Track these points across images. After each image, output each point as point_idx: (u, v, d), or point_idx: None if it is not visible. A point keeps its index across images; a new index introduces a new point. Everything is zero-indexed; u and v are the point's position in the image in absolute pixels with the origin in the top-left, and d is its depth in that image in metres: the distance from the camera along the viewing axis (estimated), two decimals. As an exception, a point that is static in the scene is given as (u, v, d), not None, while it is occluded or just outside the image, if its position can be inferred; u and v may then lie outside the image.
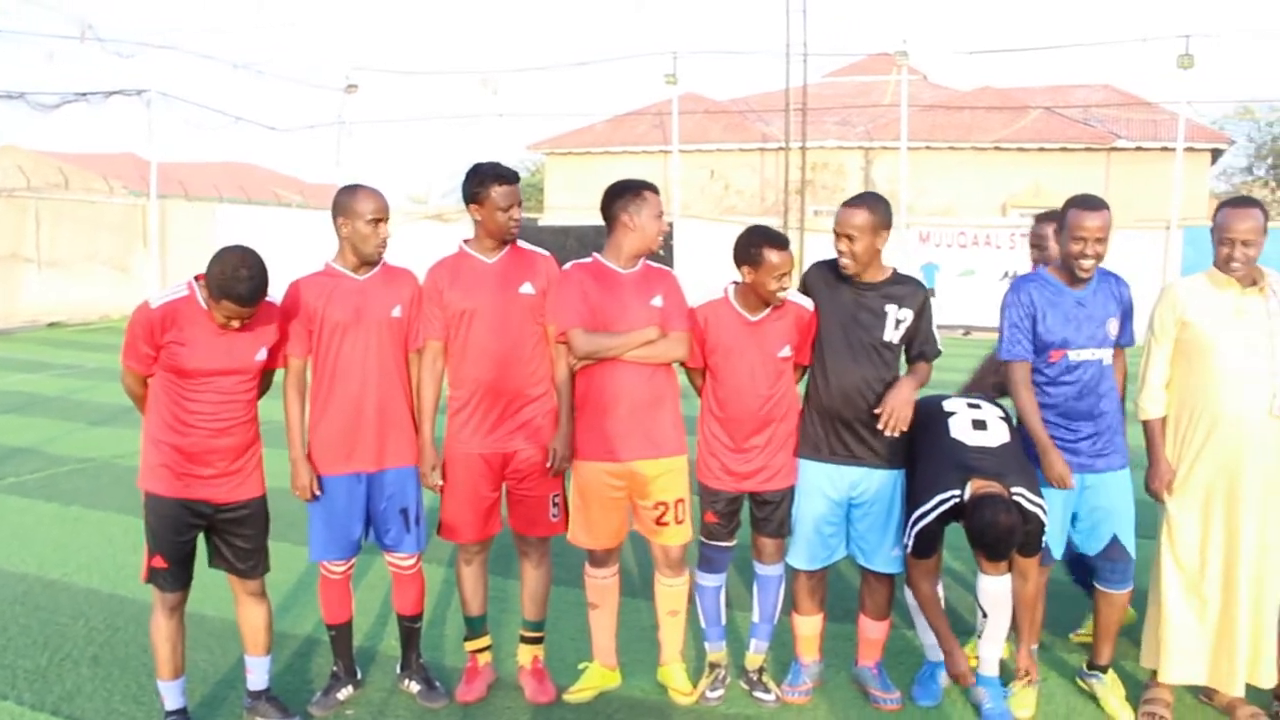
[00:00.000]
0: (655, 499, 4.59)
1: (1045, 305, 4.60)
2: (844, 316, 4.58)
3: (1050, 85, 32.40)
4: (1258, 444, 4.39)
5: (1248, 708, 4.59)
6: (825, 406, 4.62)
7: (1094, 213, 4.50)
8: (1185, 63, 24.27)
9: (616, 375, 4.50)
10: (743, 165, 31.05)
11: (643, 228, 4.49)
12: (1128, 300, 4.68)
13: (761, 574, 4.81)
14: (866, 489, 4.65)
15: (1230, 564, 4.45)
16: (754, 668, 4.89)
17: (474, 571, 4.82)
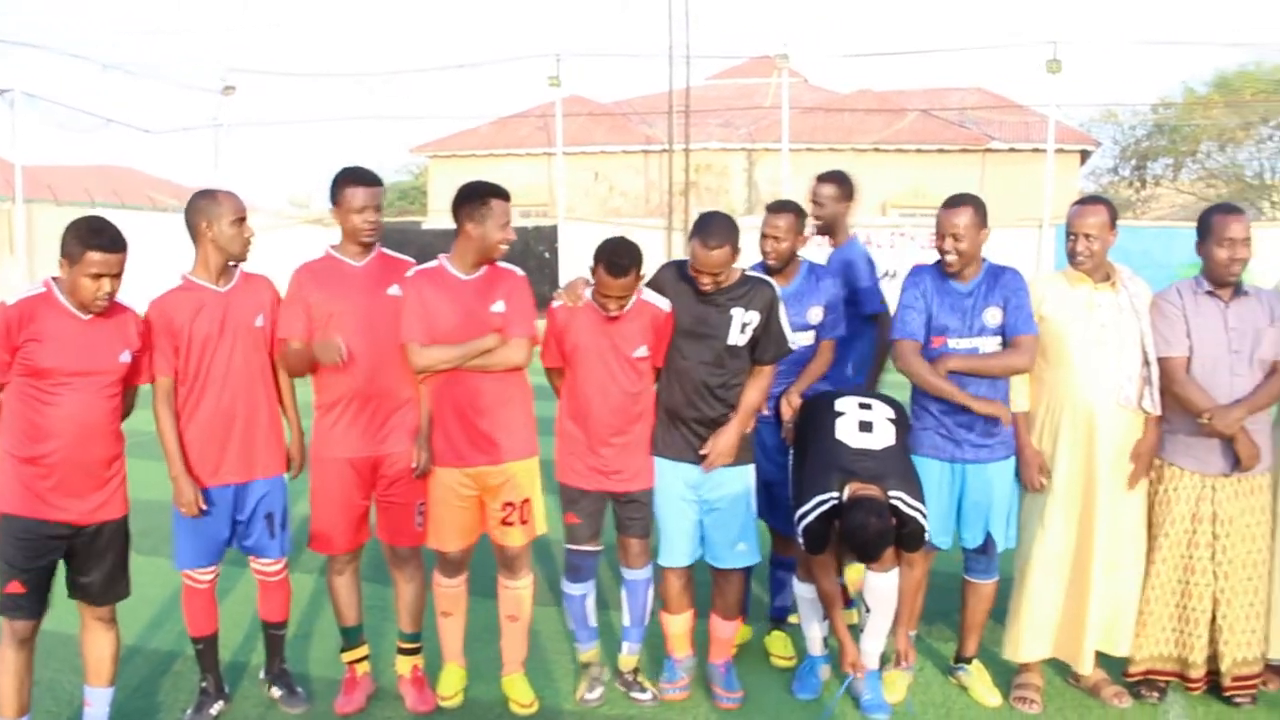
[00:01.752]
0: (503, 500, 4.59)
1: (936, 293, 4.71)
2: (691, 319, 4.59)
3: (927, 88, 33.06)
4: (1108, 433, 4.59)
5: (1112, 686, 4.80)
6: (672, 408, 4.67)
7: (951, 209, 4.63)
8: (1054, 67, 25.01)
9: (462, 382, 4.47)
10: (627, 167, 31.11)
11: (485, 236, 4.44)
12: (1016, 291, 4.67)
13: (630, 578, 4.81)
14: (714, 488, 4.70)
15: (1085, 548, 4.64)
16: (629, 669, 4.90)
17: (346, 582, 4.76)
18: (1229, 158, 36.17)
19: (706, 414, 4.63)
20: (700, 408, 4.62)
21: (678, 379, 4.63)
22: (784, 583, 5.23)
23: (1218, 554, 4.63)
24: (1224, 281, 4.64)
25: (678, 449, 4.69)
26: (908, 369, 4.69)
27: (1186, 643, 4.71)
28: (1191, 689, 4.77)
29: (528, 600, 4.79)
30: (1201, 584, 4.65)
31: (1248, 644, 4.68)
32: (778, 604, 5.32)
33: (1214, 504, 4.63)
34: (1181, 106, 35.68)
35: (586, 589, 4.82)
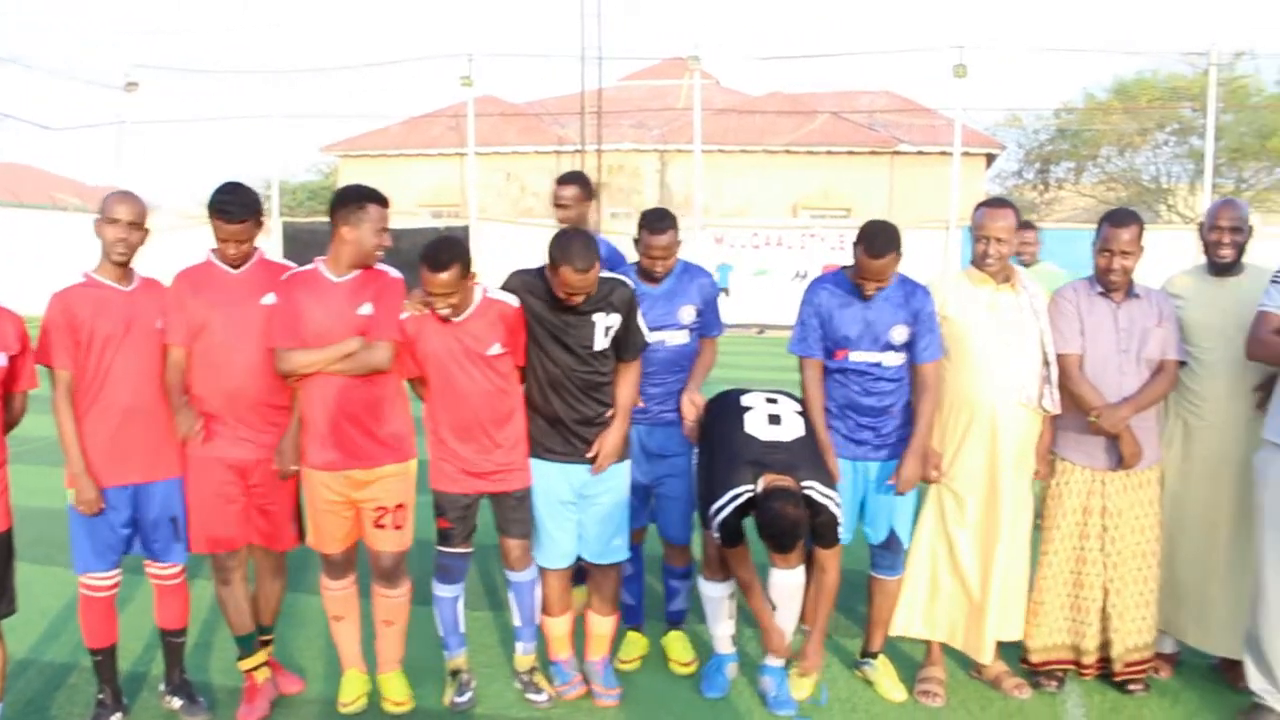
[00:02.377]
0: (376, 504, 4.54)
1: (835, 307, 4.75)
2: (553, 327, 4.57)
3: (837, 91, 33.51)
4: (1009, 430, 4.69)
5: (1012, 678, 4.91)
6: (544, 410, 4.66)
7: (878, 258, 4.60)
8: (960, 72, 25.51)
9: (332, 385, 4.41)
10: (539, 168, 31.09)
11: (361, 240, 4.38)
12: (922, 310, 4.72)
13: (514, 580, 4.78)
14: (593, 485, 4.72)
15: (989, 543, 4.74)
16: (524, 669, 4.87)
17: (235, 588, 4.67)
18: (1128, 162, 37.16)
19: (588, 414, 4.66)
20: (580, 409, 4.64)
21: (552, 385, 4.62)
22: (677, 590, 5.23)
23: (1107, 545, 4.76)
24: (1108, 285, 4.77)
25: (560, 451, 4.68)
26: (802, 392, 4.81)
27: (1080, 631, 4.84)
28: (1085, 675, 4.90)
29: (405, 608, 4.74)
30: (1092, 574, 4.78)
31: (1138, 631, 4.82)
32: (673, 609, 5.27)
33: (1103, 497, 4.76)
34: (1082, 112, 36.58)
35: (457, 591, 4.78)
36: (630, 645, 5.16)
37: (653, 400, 4.96)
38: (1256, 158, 33.89)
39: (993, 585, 4.75)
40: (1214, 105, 26.56)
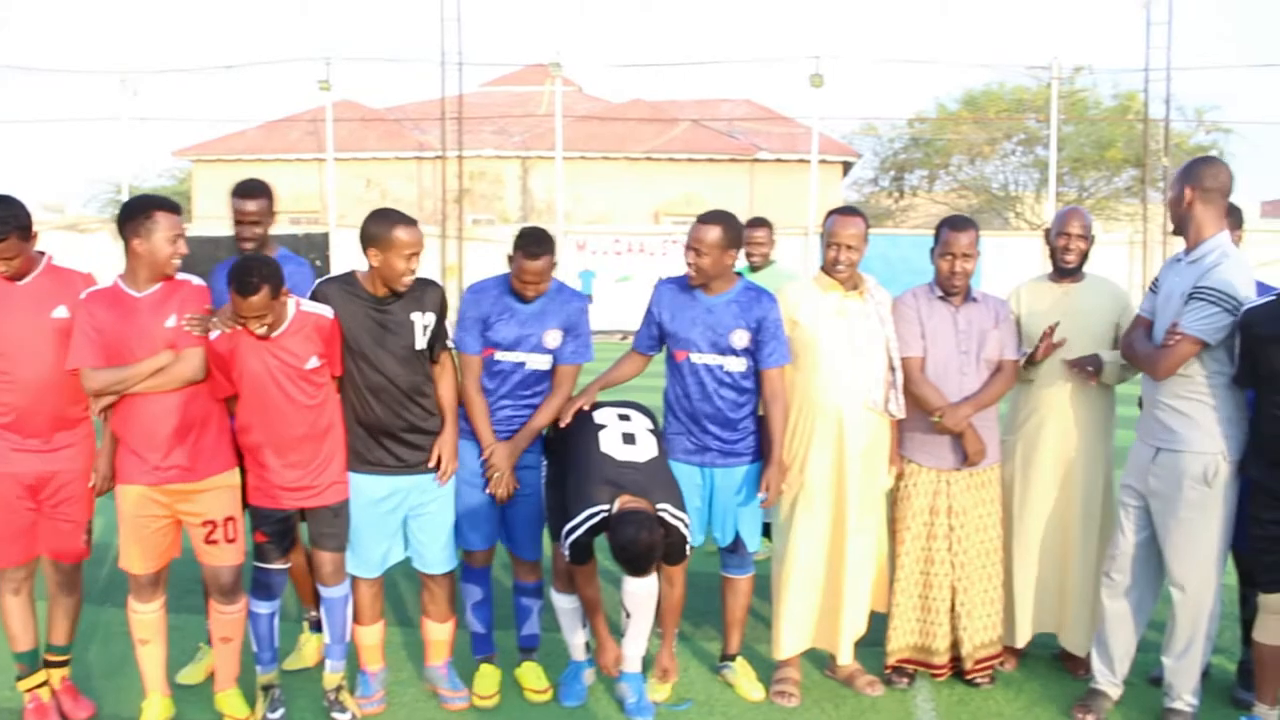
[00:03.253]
0: (204, 518, 4.45)
1: (676, 307, 4.82)
2: (369, 330, 4.54)
3: (697, 99, 33.85)
4: (856, 434, 4.82)
5: (865, 676, 5.03)
6: (367, 419, 4.60)
7: (703, 225, 4.74)
8: (816, 81, 26.06)
9: (147, 398, 4.31)
10: (400, 174, 30.68)
11: (153, 251, 4.27)
12: (766, 316, 4.77)
13: (327, 595, 4.70)
14: (421, 495, 4.70)
15: (838, 544, 4.86)
16: (331, 687, 4.77)
17: (20, 602, 4.52)
18: (977, 170, 38.31)
19: (414, 421, 4.62)
20: (406, 416, 4.60)
21: (373, 392, 4.56)
22: (529, 610, 5.09)
23: (954, 545, 4.92)
24: (949, 290, 4.95)
25: (377, 461, 4.63)
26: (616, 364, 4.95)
27: (930, 631, 4.98)
28: (937, 676, 5.04)
29: (241, 624, 4.63)
30: (940, 574, 4.93)
31: (985, 628, 4.99)
32: (525, 634, 5.13)
33: (949, 497, 4.92)
34: (934, 122, 37.62)
35: (273, 607, 4.69)
36: (484, 679, 4.96)
37: (503, 423, 4.83)
38: (1096, 167, 35.26)
39: (845, 586, 4.86)
40: (1056, 117, 27.62)
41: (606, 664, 4.76)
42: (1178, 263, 4.63)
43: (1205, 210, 4.49)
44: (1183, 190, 4.51)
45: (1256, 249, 22.31)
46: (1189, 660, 4.58)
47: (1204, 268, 4.41)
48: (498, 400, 4.82)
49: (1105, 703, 4.79)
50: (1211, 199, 4.48)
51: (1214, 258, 4.42)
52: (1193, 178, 4.50)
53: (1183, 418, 4.47)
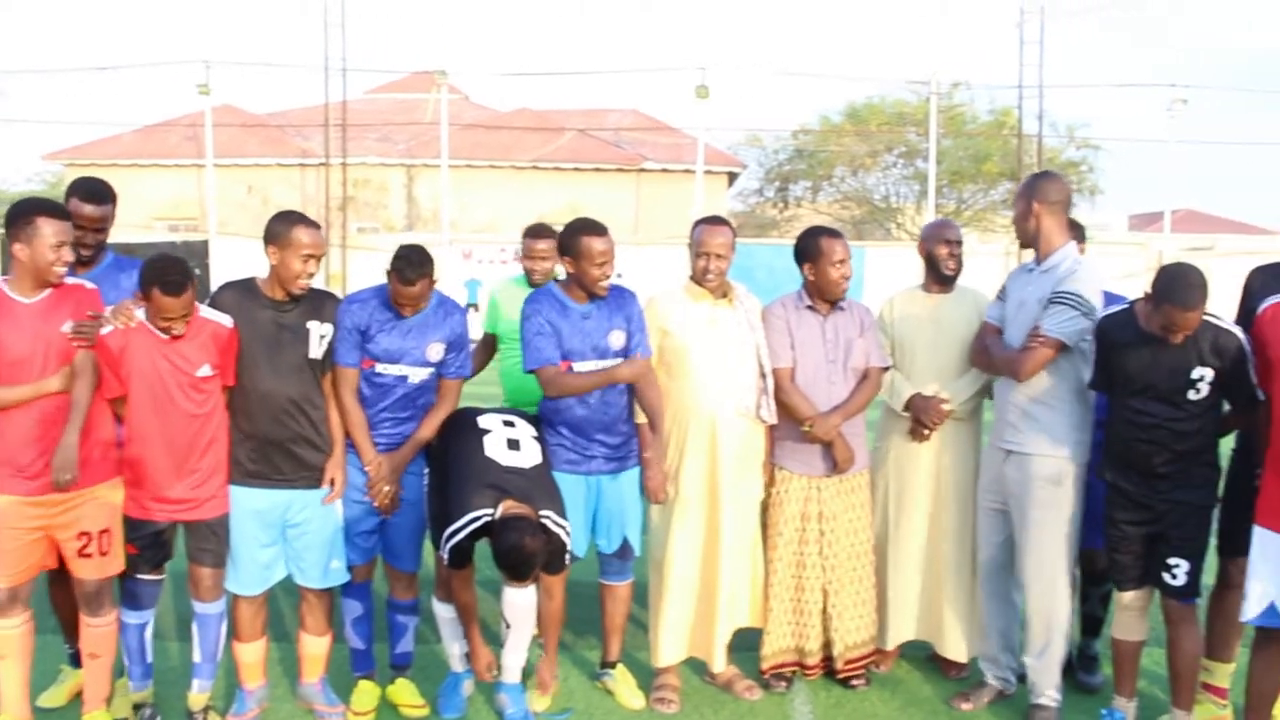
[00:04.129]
0: (78, 529, 4.32)
1: (556, 319, 4.79)
2: (265, 337, 4.48)
3: (583, 109, 33.92)
4: (729, 441, 4.89)
5: (744, 681, 5.08)
6: (254, 430, 4.51)
7: (598, 237, 4.74)
8: (702, 93, 26.31)
9: (24, 407, 4.17)
10: (282, 180, 30.17)
11: (35, 258, 4.16)
12: (632, 311, 4.87)
13: (202, 612, 4.59)
14: (302, 509, 4.61)
15: (712, 551, 4.91)
16: (199, 708, 4.68)
17: None
18: (860, 182, 39.00)
19: (301, 433, 4.54)
20: (293, 427, 4.51)
21: (262, 401, 4.47)
22: (404, 628, 5.00)
23: (825, 549, 5.00)
24: (834, 298, 5.04)
25: (261, 474, 4.53)
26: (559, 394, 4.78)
27: (803, 633, 5.06)
28: (809, 675, 5.12)
29: (112, 639, 4.49)
30: (812, 578, 5.01)
31: (857, 629, 5.09)
32: (399, 651, 5.03)
33: (819, 503, 5.00)
34: (818, 134, 38.23)
35: (145, 618, 4.57)
36: (362, 695, 4.88)
37: (386, 436, 4.72)
38: (973, 180, 36.18)
39: (720, 593, 4.91)
40: (935, 131, 28.28)
41: (479, 669, 4.74)
42: (1028, 272, 4.85)
43: (1051, 222, 4.72)
44: (1029, 205, 4.73)
45: (1123, 260, 23.14)
46: (1049, 658, 4.74)
47: (1060, 275, 4.62)
48: (379, 413, 4.72)
49: (985, 694, 4.98)
50: (1055, 211, 4.72)
51: (1069, 265, 4.65)
52: (1037, 193, 4.73)
53: (1033, 421, 4.66)
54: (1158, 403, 4.28)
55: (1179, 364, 4.23)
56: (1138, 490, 4.39)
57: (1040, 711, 4.75)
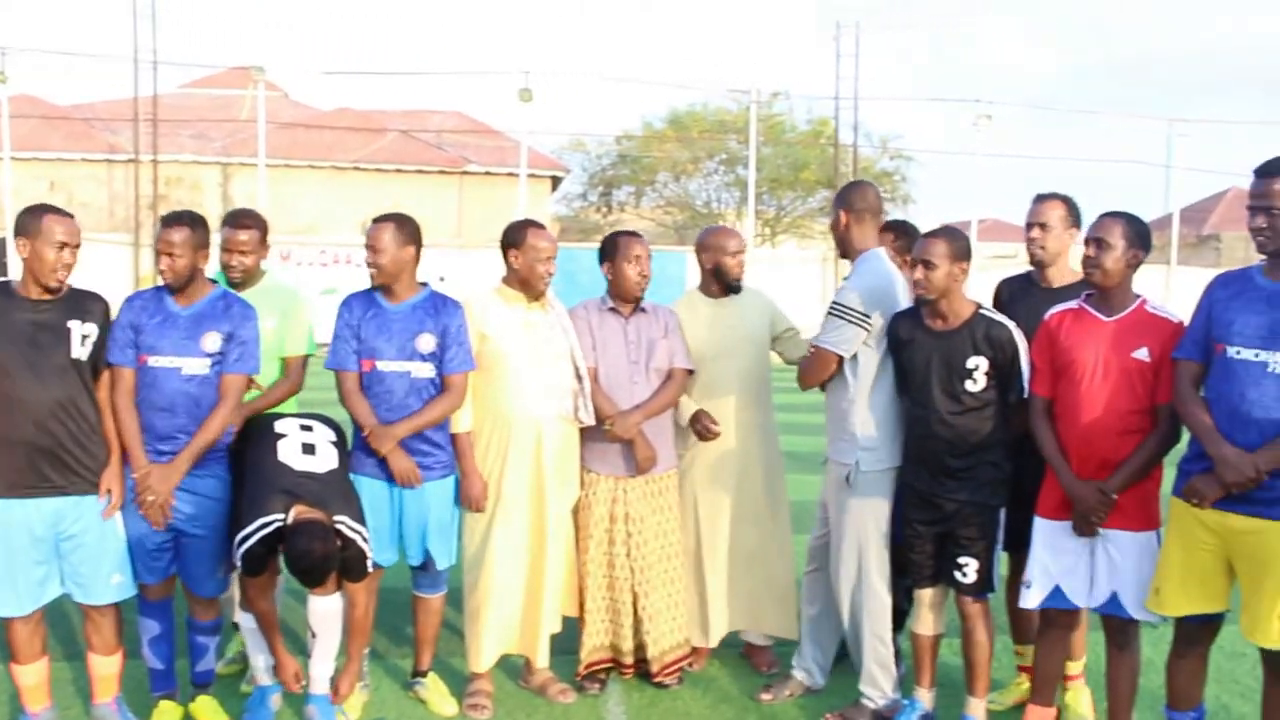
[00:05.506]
0: None
1: (363, 316, 4.76)
2: (22, 338, 4.24)
3: (406, 110, 33.54)
4: (551, 443, 4.92)
5: (558, 684, 5.10)
6: (19, 438, 4.24)
7: (374, 224, 4.82)
8: (526, 96, 26.34)
9: None
10: (88, 177, 28.94)
11: None
12: (450, 322, 4.76)
13: None
14: (75, 519, 4.35)
15: (538, 553, 4.94)
16: None
17: None
18: (682, 188, 39.61)
19: (68, 438, 4.27)
20: (58, 432, 4.25)
21: (24, 408, 4.20)
22: (205, 648, 4.81)
23: (633, 551, 5.06)
24: (633, 296, 5.13)
25: (27, 484, 4.24)
26: (344, 401, 4.77)
27: (618, 633, 5.13)
28: (625, 674, 5.19)
29: None
30: (622, 579, 5.07)
31: (670, 632, 5.16)
32: (200, 669, 4.83)
33: (625, 504, 5.06)
34: (641, 139, 38.66)
35: None
36: (163, 716, 4.68)
37: (160, 438, 4.45)
38: (791, 188, 37.18)
39: (545, 593, 4.94)
40: (755, 139, 28.91)
41: (286, 679, 4.65)
42: (846, 279, 4.99)
43: (859, 230, 4.89)
44: (839, 214, 4.90)
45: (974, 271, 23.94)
46: (863, 656, 4.89)
47: (849, 283, 4.81)
48: (159, 414, 4.44)
49: (791, 685, 5.14)
50: (863, 219, 4.88)
51: (857, 273, 4.83)
52: (845, 202, 4.90)
53: (835, 426, 4.86)
54: (940, 395, 4.49)
55: (955, 352, 4.46)
56: (928, 489, 4.57)
57: (860, 709, 4.90)
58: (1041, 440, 4.36)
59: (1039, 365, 4.40)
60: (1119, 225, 4.20)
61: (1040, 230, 4.75)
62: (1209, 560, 3.97)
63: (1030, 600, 4.42)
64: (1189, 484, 3.93)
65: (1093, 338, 4.24)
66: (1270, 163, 3.85)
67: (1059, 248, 4.74)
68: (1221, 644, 4.41)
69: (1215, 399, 3.94)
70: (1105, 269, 4.20)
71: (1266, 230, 3.82)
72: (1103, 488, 4.16)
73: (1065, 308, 4.39)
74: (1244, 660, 4.43)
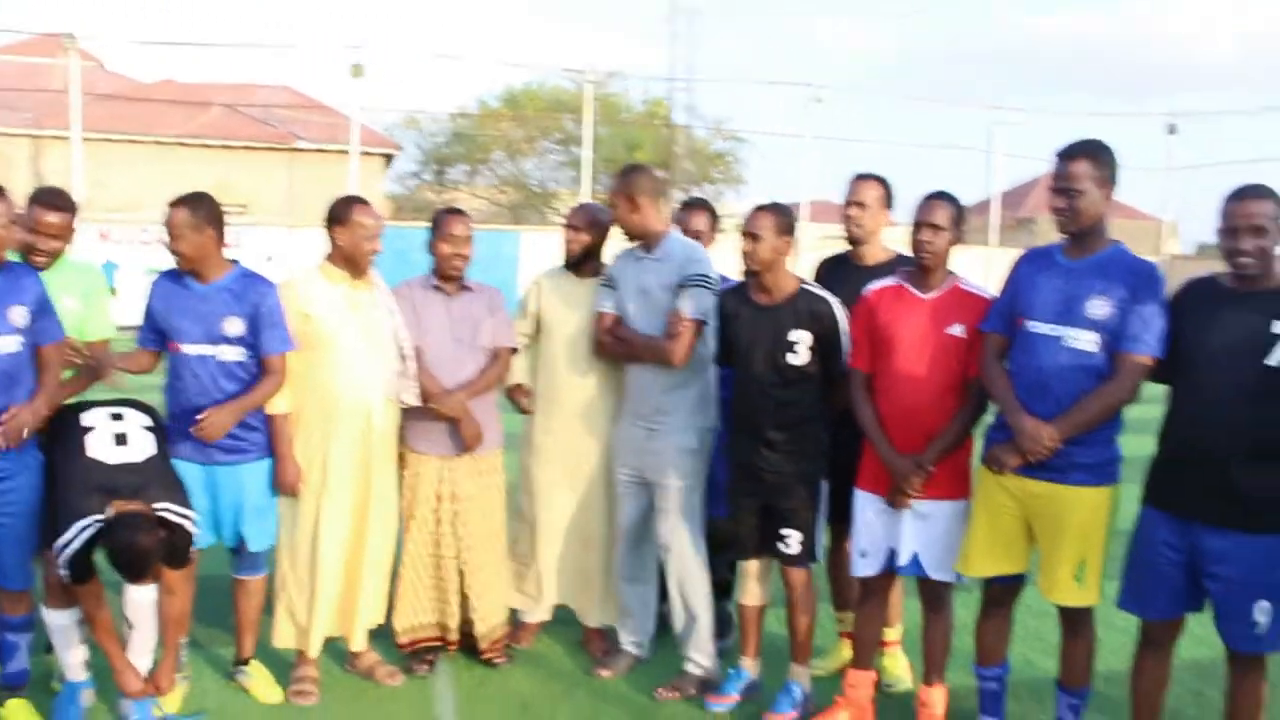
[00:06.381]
0: None
1: (169, 297, 4.67)
2: None
3: (232, 83, 32.50)
4: (379, 424, 4.88)
5: (385, 667, 5.06)
6: None
7: (169, 209, 4.68)
8: (357, 71, 25.76)
9: None
10: (-118, 150, 27.31)
11: None
12: (261, 303, 4.61)
13: None
14: None
15: (359, 535, 4.90)
16: None
17: None
18: (517, 167, 39.43)
19: None
20: None
21: None
22: (16, 646, 4.56)
23: (459, 529, 5.06)
24: (448, 275, 5.11)
25: None
26: None
27: (444, 610, 5.12)
28: (450, 649, 5.20)
29: None
30: (449, 557, 5.06)
31: (495, 610, 5.20)
32: (13, 669, 4.58)
33: (452, 484, 5.05)
34: (476, 118, 38.31)
35: None
36: (15, 712, 4.49)
37: None
38: (614, 178, 37.39)
39: (364, 574, 4.90)
40: (590, 118, 28.94)
41: (133, 692, 4.42)
42: (638, 260, 5.07)
43: (655, 212, 5.01)
44: (632, 200, 4.98)
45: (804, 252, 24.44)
46: (694, 623, 5.03)
47: (680, 259, 4.92)
48: None
49: (625, 660, 5.22)
50: (656, 202, 5.01)
51: (687, 250, 4.98)
52: (634, 186, 5.00)
53: (674, 398, 4.93)
54: (764, 368, 4.62)
55: (779, 326, 4.59)
56: (751, 462, 4.68)
57: (687, 677, 5.02)
58: (860, 414, 4.51)
59: (858, 340, 4.55)
60: (947, 209, 4.37)
61: (858, 209, 4.92)
62: (1011, 524, 4.21)
63: (865, 569, 4.59)
64: (991, 451, 4.16)
65: (911, 314, 4.41)
66: (1070, 146, 4.06)
67: (874, 226, 4.92)
68: (1029, 604, 4.67)
69: (1017, 371, 4.17)
70: (935, 251, 4.36)
71: (1066, 210, 4.04)
72: (918, 460, 4.33)
73: (884, 284, 4.54)
74: (1049, 618, 4.68)
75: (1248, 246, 3.73)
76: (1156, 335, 3.92)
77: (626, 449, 5.12)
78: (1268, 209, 3.71)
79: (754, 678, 4.94)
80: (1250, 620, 3.82)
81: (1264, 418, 3.73)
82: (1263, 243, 3.72)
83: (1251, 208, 3.73)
